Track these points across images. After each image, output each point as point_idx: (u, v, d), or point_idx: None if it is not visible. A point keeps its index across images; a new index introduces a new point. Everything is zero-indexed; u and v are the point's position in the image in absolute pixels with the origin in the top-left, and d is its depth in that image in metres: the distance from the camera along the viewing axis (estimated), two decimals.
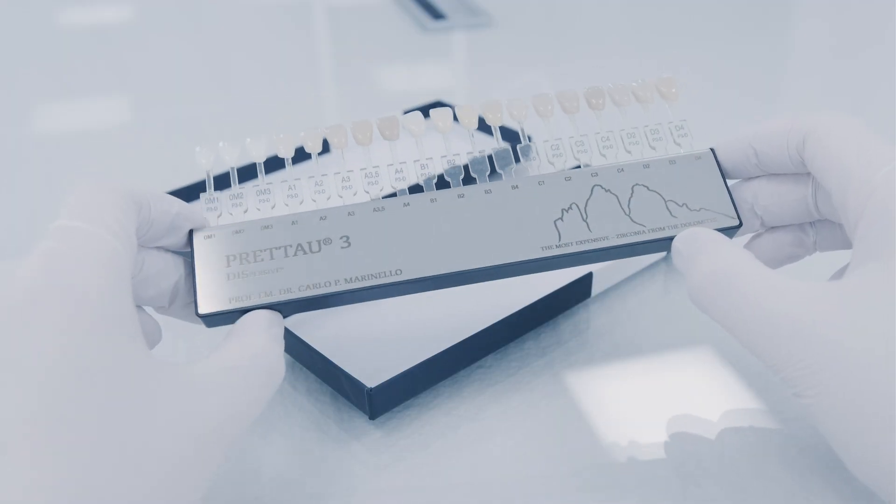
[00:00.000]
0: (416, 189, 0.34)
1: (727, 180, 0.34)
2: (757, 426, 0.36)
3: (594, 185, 0.33)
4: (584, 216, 0.33)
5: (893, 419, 0.26)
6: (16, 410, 0.23)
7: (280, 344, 0.31)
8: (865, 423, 0.27)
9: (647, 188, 0.33)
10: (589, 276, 0.42)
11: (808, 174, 0.33)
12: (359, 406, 0.36)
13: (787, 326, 0.28)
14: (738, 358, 0.39)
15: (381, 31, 0.89)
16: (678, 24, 0.88)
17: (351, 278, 0.31)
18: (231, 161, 0.34)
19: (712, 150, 0.35)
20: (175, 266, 0.32)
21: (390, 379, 0.35)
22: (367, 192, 0.34)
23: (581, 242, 0.32)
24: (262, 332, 0.30)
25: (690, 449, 0.35)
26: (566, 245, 0.32)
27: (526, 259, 0.32)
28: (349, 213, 0.32)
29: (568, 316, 0.43)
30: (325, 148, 0.58)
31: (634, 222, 0.33)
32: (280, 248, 0.32)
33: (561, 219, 0.33)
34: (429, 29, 0.86)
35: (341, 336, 0.40)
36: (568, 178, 0.33)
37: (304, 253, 0.31)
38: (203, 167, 0.34)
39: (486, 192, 0.33)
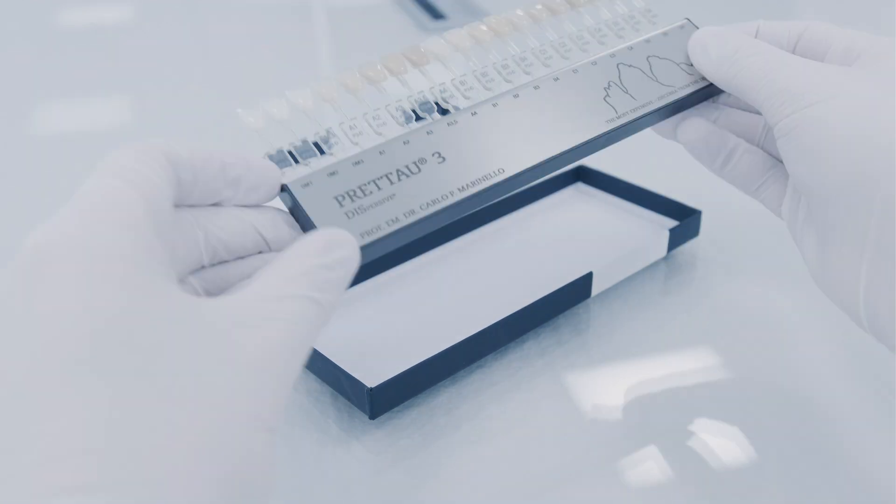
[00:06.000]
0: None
1: None
2: (757, 426, 0.36)
3: (618, 64, 0.38)
4: (625, 90, 0.37)
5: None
6: (38, 360, 0.22)
7: (338, 272, 0.27)
8: (860, 142, 0.30)
9: (659, 57, 0.39)
10: (589, 276, 0.42)
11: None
12: (359, 406, 0.36)
13: (800, 64, 0.33)
14: (738, 358, 0.40)
15: (381, 31, 0.89)
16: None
17: (463, 186, 0.32)
18: (282, 115, 0.32)
19: (688, 19, 0.41)
20: (253, 226, 0.30)
21: (390, 379, 0.35)
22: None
23: (634, 110, 0.37)
24: (314, 257, 0.27)
25: (690, 449, 0.35)
26: (623, 115, 0.36)
27: (599, 134, 0.35)
28: (427, 132, 0.33)
29: (568, 316, 0.43)
30: None
31: (664, 85, 0.38)
32: (382, 177, 0.31)
33: (608, 96, 0.37)
34: (429, 29, 0.86)
35: (341, 336, 0.40)
36: (594, 63, 0.38)
37: (408, 176, 0.32)
38: (252, 127, 0.32)
39: (535, 87, 0.36)
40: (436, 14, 0.89)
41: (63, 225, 0.24)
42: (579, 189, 0.53)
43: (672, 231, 0.45)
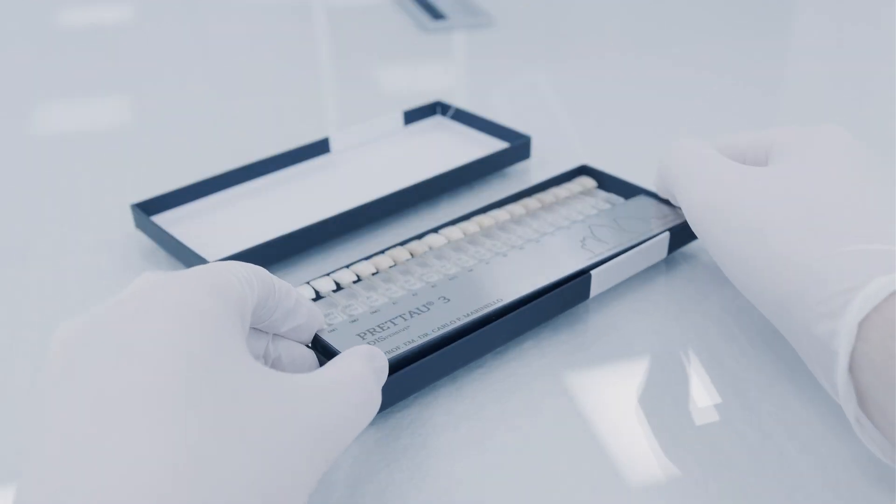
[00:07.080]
0: None
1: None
2: (757, 426, 0.36)
3: (590, 226, 0.45)
4: (598, 239, 0.44)
5: None
6: (133, 385, 0.23)
7: (379, 376, 0.32)
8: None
9: (624, 217, 0.46)
10: (588, 277, 0.42)
11: None
12: None
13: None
14: (738, 359, 0.40)
15: (381, 31, 0.89)
16: (679, 22, 0.88)
17: (468, 313, 0.38)
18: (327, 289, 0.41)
19: (647, 192, 0.48)
20: (312, 359, 0.36)
21: (389, 378, 0.35)
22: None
23: (609, 249, 0.43)
24: (362, 360, 0.31)
25: (690, 449, 0.35)
26: (600, 254, 0.43)
27: (583, 267, 0.42)
28: (432, 286, 0.40)
29: (567, 316, 0.43)
30: (326, 148, 0.58)
31: (632, 232, 0.45)
32: (397, 317, 0.38)
33: (584, 245, 0.44)
34: (429, 29, 0.86)
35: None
36: (569, 227, 0.45)
37: (420, 314, 0.38)
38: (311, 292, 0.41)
39: (520, 248, 0.43)
40: (436, 14, 0.89)
41: (169, 276, 0.28)
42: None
43: (672, 232, 0.45)
